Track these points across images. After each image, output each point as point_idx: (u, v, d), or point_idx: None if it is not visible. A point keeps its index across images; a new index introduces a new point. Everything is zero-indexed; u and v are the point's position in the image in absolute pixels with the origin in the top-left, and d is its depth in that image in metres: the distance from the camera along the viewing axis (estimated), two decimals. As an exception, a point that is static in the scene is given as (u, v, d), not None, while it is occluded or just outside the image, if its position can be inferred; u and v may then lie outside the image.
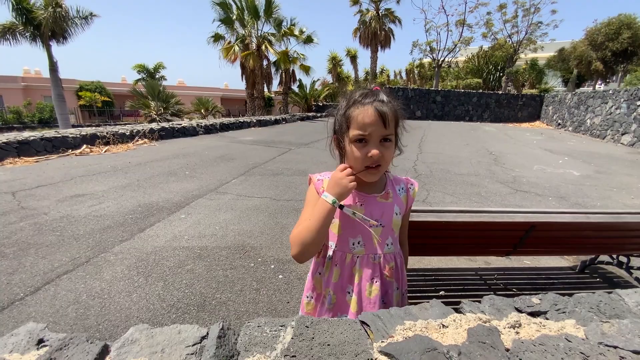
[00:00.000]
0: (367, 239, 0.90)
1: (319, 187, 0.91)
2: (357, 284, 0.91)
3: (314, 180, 0.95)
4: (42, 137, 6.23)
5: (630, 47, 18.53)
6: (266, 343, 0.60)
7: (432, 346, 0.55)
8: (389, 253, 0.93)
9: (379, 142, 0.81)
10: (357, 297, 0.90)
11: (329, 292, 0.95)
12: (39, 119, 20.27)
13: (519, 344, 0.55)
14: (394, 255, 0.94)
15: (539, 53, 24.19)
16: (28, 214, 3.18)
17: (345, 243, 0.92)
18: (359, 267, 0.91)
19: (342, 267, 0.92)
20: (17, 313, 1.79)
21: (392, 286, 0.94)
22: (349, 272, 0.92)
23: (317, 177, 0.95)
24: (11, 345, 0.63)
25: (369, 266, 0.90)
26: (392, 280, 0.93)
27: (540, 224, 1.56)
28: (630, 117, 10.52)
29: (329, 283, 0.95)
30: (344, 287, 0.93)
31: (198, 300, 1.96)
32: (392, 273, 0.93)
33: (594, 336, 0.58)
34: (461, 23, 24.88)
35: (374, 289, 0.90)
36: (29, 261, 2.32)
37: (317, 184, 0.93)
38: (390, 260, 0.93)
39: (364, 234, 0.90)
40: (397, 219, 0.93)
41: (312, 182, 0.95)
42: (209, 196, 3.94)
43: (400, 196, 0.95)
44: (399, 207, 0.93)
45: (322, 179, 0.94)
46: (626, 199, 4.34)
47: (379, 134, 0.80)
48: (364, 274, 0.90)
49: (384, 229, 0.91)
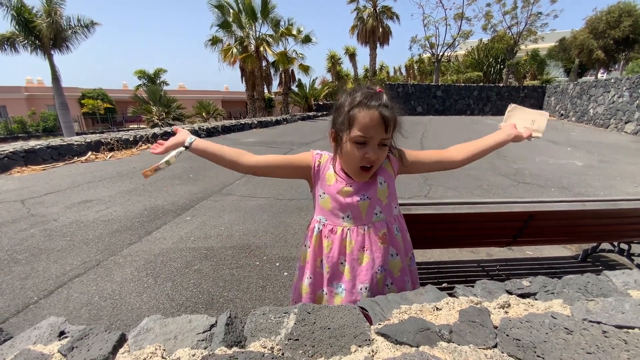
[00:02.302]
0: (356, 212, 0.95)
1: (316, 160, 0.99)
2: (349, 254, 0.95)
3: (312, 153, 1.01)
4: (48, 145, 6.34)
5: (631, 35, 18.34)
6: (271, 329, 0.64)
7: (425, 326, 0.59)
8: (379, 221, 0.96)
9: (377, 145, 0.85)
10: (349, 265, 0.95)
11: (320, 260, 1.00)
12: (43, 127, 20.52)
13: (507, 321, 0.58)
14: (386, 222, 0.97)
15: (539, 44, 24.01)
16: (38, 221, 3.25)
17: (335, 217, 0.97)
18: (349, 239, 0.95)
19: (332, 239, 0.97)
20: (32, 316, 1.85)
21: (387, 251, 0.97)
22: (340, 244, 0.96)
23: (317, 151, 1.02)
24: (35, 338, 0.68)
25: (360, 236, 0.95)
26: (385, 245, 0.97)
27: (539, 214, 1.59)
28: (633, 105, 10.43)
29: (320, 253, 0.99)
30: (336, 257, 0.97)
31: (206, 298, 2.01)
32: (386, 239, 0.97)
33: (578, 313, 0.61)
34: (460, 16, 24.76)
35: (365, 256, 0.95)
36: (41, 266, 2.39)
37: (315, 156, 1.00)
38: (381, 227, 0.96)
39: (352, 208, 0.94)
40: (382, 188, 0.96)
41: (310, 152, 1.02)
42: (213, 198, 4.00)
43: (385, 168, 0.98)
44: (382, 176, 0.96)
45: (321, 154, 1.01)
46: (629, 188, 4.33)
47: (379, 138, 0.84)
48: (355, 244, 0.95)
49: (370, 201, 0.95)
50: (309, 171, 1.00)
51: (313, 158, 0.99)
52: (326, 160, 0.99)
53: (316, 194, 1.00)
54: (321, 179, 0.98)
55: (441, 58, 26.24)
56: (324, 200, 0.97)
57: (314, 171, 0.99)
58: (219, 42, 17.20)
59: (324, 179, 0.97)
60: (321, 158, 0.99)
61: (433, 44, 25.90)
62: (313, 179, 1.00)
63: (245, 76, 17.99)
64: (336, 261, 0.97)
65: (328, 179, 0.97)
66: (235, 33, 16.96)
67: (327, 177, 0.97)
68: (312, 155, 1.00)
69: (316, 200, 1.01)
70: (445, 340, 0.57)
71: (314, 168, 0.99)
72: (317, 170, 0.99)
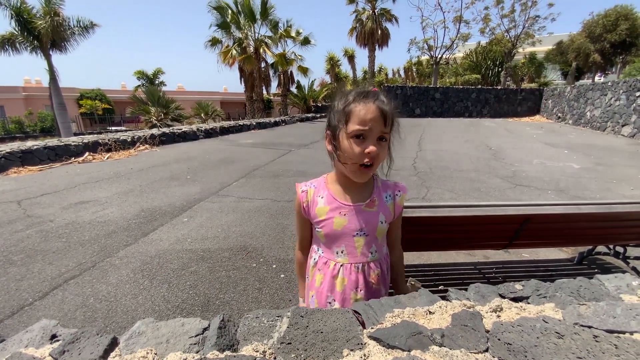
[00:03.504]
0: (351, 248, 0.91)
1: (303, 200, 0.93)
2: (340, 293, 0.91)
3: (298, 191, 0.96)
4: (46, 145, 6.31)
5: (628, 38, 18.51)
6: (264, 332, 0.64)
7: (417, 330, 0.59)
8: (374, 261, 0.93)
9: (376, 139, 0.81)
10: (340, 305, 0.91)
11: (312, 294, 0.97)
12: (40, 128, 20.46)
13: (499, 325, 0.58)
14: (379, 262, 0.94)
15: (537, 47, 24.14)
16: (34, 222, 3.24)
17: (329, 251, 0.93)
18: (342, 276, 0.91)
19: (325, 273, 0.93)
20: (27, 318, 1.84)
21: (379, 293, 0.93)
22: (330, 280, 0.92)
23: (302, 187, 0.96)
24: (26, 341, 0.67)
25: (353, 275, 0.90)
26: (379, 287, 0.94)
27: (535, 216, 1.59)
28: (629, 109, 10.50)
29: (312, 286, 0.96)
30: (324, 294, 0.93)
31: (202, 300, 2.00)
32: (379, 280, 0.93)
33: (570, 317, 0.61)
34: (458, 19, 24.88)
35: (359, 297, 0.90)
36: (36, 267, 2.38)
37: (301, 196, 0.94)
38: (375, 267, 0.93)
39: (347, 243, 0.90)
40: (382, 227, 0.92)
41: (297, 191, 0.96)
42: (210, 199, 3.99)
43: (387, 204, 0.93)
44: (384, 215, 0.92)
45: (306, 190, 0.94)
46: (626, 191, 4.35)
47: (378, 130, 0.80)
48: (348, 282, 0.90)
49: (368, 238, 0.90)
50: (305, 215, 0.96)
51: (300, 199, 0.94)
52: (312, 194, 0.94)
53: (313, 226, 0.97)
54: (312, 217, 0.94)
55: (440, 60, 26.35)
56: (319, 233, 0.94)
57: (306, 213, 0.95)
58: (219, 43, 17.22)
59: (316, 216, 0.93)
60: (307, 195, 0.94)
61: (431, 46, 26.02)
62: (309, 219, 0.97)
63: (244, 77, 18.01)
64: (324, 298, 0.93)
65: (319, 214, 0.92)
66: (234, 34, 16.98)
67: (317, 213, 0.92)
68: (299, 195, 0.95)
69: (313, 229, 0.98)
70: (437, 344, 0.57)
71: (304, 210, 0.95)
72: (307, 210, 0.94)
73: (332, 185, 0.94)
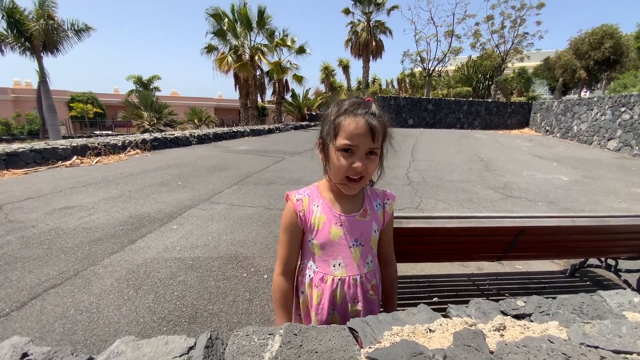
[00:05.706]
0: (348, 260, 0.88)
1: (299, 209, 0.89)
2: (339, 305, 0.89)
3: (292, 199, 0.92)
4: (32, 148, 6.15)
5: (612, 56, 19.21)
6: (254, 352, 0.60)
7: (418, 350, 0.56)
8: (370, 272, 0.92)
9: (364, 155, 0.79)
10: (340, 315, 0.90)
11: (311, 312, 0.93)
12: (28, 130, 20.03)
13: (503, 346, 0.56)
14: (374, 272, 0.94)
15: (525, 62, 24.90)
16: (15, 227, 3.11)
17: (325, 264, 0.90)
18: (340, 289, 0.88)
19: (323, 289, 0.90)
20: (2, 329, 1.74)
21: (375, 303, 0.92)
22: (331, 295, 0.89)
23: (296, 196, 0.92)
24: (-7, 361, 0.61)
25: (351, 288, 0.89)
26: (375, 297, 0.92)
27: (529, 229, 1.59)
28: (615, 123, 10.82)
29: (310, 304, 0.93)
30: (326, 309, 0.90)
31: (190, 312, 1.92)
32: (376, 291, 0.92)
33: (575, 337, 0.59)
34: (450, 34, 25.55)
35: (356, 309, 0.89)
36: (15, 275, 2.26)
37: (296, 205, 0.90)
38: (372, 278, 0.91)
39: (344, 255, 0.88)
40: (375, 236, 0.92)
41: (289, 201, 0.92)
42: (201, 206, 3.91)
43: (377, 212, 0.93)
44: (376, 224, 0.92)
45: (301, 199, 0.91)
46: (613, 203, 4.43)
47: (366, 146, 0.78)
48: (347, 296, 0.89)
49: (364, 248, 0.90)
50: (300, 225, 0.92)
51: (295, 209, 0.90)
52: (308, 203, 0.91)
53: (305, 239, 0.93)
54: (310, 227, 0.90)
55: (432, 72, 26.90)
56: (313, 245, 0.90)
57: (302, 223, 0.91)
58: (214, 50, 17.27)
59: (312, 227, 0.90)
60: (303, 204, 0.90)
61: (424, 58, 26.58)
62: (304, 230, 0.93)
63: (239, 84, 18.01)
64: (326, 313, 0.90)
65: (316, 224, 0.89)
66: (231, 42, 17.06)
67: (314, 223, 0.89)
68: (293, 205, 0.91)
69: (305, 243, 0.94)
70: (439, 366, 0.54)
71: (301, 220, 0.90)
72: (304, 219, 0.90)
73: (326, 193, 0.92)
